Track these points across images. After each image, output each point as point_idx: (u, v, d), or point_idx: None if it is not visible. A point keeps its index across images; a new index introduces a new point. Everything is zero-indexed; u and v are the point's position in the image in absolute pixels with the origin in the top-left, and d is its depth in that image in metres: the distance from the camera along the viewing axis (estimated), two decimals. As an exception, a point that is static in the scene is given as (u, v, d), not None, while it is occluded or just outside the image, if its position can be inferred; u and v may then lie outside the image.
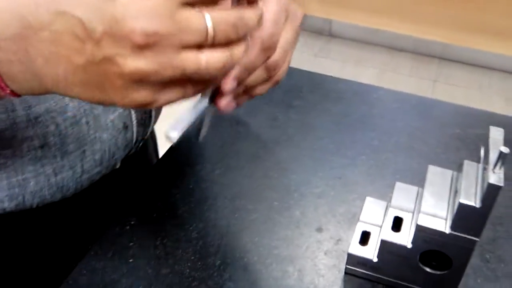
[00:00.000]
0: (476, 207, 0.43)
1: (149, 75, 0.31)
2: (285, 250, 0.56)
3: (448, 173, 0.51)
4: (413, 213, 0.52)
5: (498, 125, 0.68)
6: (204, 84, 0.34)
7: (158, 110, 0.64)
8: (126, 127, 0.57)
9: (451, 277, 0.49)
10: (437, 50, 2.59)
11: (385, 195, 0.62)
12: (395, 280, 0.52)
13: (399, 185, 0.55)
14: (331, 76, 0.86)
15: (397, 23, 2.47)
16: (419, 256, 0.49)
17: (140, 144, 0.63)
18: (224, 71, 0.33)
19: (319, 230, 0.58)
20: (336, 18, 2.64)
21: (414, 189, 0.54)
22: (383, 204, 0.57)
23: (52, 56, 0.32)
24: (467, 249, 0.46)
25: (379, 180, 0.65)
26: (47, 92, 0.34)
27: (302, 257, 0.55)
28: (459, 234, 0.45)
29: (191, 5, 0.31)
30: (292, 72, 0.60)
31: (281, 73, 0.44)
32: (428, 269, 0.50)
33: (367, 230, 0.54)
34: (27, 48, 0.32)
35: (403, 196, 0.54)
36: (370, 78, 2.42)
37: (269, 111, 0.75)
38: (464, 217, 0.44)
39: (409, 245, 0.49)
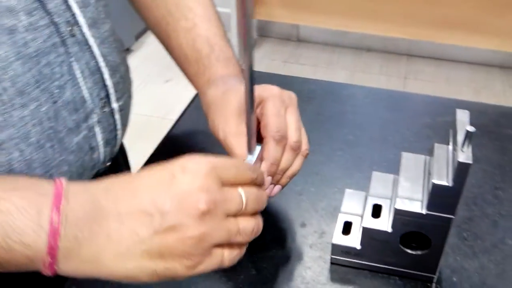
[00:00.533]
0: (449, 186, 0.45)
1: (205, 238, 0.38)
2: (272, 247, 0.57)
3: (421, 158, 0.54)
4: (390, 199, 0.54)
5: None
6: (238, 249, 0.41)
7: (124, 127, 0.65)
8: (92, 148, 0.58)
9: (431, 256, 0.52)
10: (404, 47, 2.65)
11: (364, 186, 0.65)
12: (378, 265, 0.54)
13: (375, 174, 0.57)
14: (301, 77, 0.89)
15: (363, 24, 2.51)
16: (400, 239, 0.51)
17: (109, 163, 0.64)
18: (254, 236, 0.42)
19: (303, 225, 0.60)
20: (303, 23, 2.68)
21: (390, 176, 0.57)
22: (362, 194, 0.59)
23: (118, 232, 0.37)
24: (444, 227, 0.49)
25: (357, 173, 0.67)
26: (97, 271, 0.38)
27: (288, 253, 0.57)
28: (435, 213, 0.48)
29: (227, 184, 0.40)
30: (262, 76, 0.62)
31: (305, 145, 0.53)
32: (409, 251, 0.52)
33: (349, 220, 0.57)
34: (92, 226, 0.37)
35: (380, 184, 0.56)
36: (342, 79, 2.46)
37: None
38: (439, 197, 0.46)
39: (390, 229, 0.51)
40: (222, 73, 0.59)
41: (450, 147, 0.49)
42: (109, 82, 0.59)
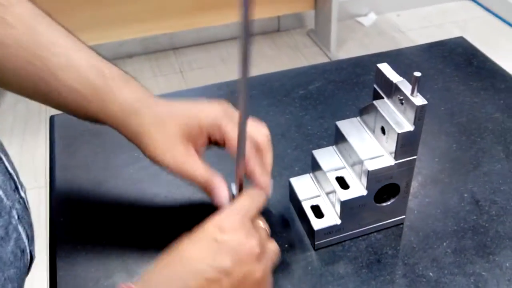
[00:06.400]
0: (412, 131, 0.53)
1: (268, 270, 0.47)
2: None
3: (355, 120, 0.61)
4: (345, 166, 0.60)
5: (323, 74, 0.83)
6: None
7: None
8: (22, 251, 0.52)
9: (401, 200, 0.60)
10: (166, 42, 2.74)
11: (292, 170, 0.70)
12: (358, 230, 0.61)
13: (316, 152, 0.63)
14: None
15: (116, 32, 2.52)
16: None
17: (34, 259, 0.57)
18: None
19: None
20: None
21: (330, 149, 0.63)
22: (307, 176, 0.65)
23: None
24: (410, 169, 0.57)
25: (281, 163, 0.72)
26: None
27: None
28: (402, 160, 0.56)
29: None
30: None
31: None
32: (384, 204, 0.60)
33: (314, 204, 0.61)
34: None
35: (327, 159, 0.62)
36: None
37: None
38: (403, 144, 0.54)
39: (365, 192, 0.57)
40: (132, 97, 0.56)
41: (388, 99, 0.57)
42: (10, 169, 0.52)
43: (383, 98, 0.57)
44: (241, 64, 0.42)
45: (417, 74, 0.52)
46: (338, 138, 0.61)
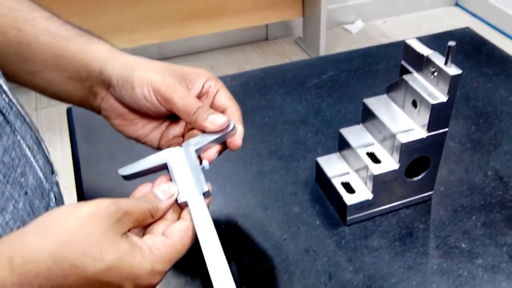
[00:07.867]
0: (444, 102, 0.55)
1: None
2: (289, 238, 0.60)
3: (382, 97, 0.62)
4: (374, 143, 0.61)
5: (334, 64, 0.84)
6: None
7: None
8: None
9: (430, 175, 0.61)
10: (155, 52, 2.75)
11: (315, 151, 0.71)
12: (389, 205, 0.62)
13: (343, 130, 0.64)
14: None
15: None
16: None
17: None
18: None
19: (298, 209, 0.64)
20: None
21: (357, 127, 0.64)
22: (334, 156, 0.66)
23: None
24: (441, 142, 0.58)
25: (304, 147, 0.73)
26: None
27: (305, 235, 0.60)
28: (435, 132, 0.57)
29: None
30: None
31: None
32: (415, 178, 0.61)
33: (344, 181, 0.62)
34: None
35: (355, 136, 0.63)
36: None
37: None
38: (436, 116, 0.55)
39: (397, 166, 0.58)
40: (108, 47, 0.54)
41: (417, 74, 0.58)
42: (47, 153, 0.53)
43: (411, 73, 0.59)
44: None
45: (452, 43, 0.53)
46: (366, 116, 0.62)
